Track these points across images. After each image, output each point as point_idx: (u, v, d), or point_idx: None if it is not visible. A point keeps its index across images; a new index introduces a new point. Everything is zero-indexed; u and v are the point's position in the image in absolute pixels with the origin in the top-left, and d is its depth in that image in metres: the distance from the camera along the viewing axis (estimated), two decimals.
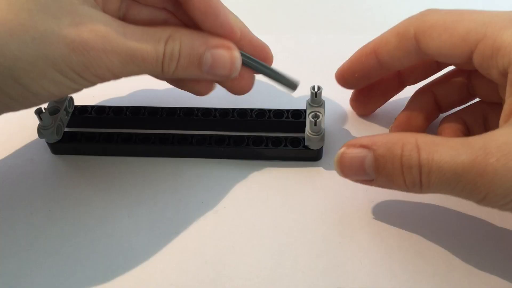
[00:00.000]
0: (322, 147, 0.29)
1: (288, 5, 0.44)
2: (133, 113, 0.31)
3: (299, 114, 0.31)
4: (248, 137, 0.30)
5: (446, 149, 0.21)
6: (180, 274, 0.25)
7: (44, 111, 0.28)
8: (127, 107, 0.32)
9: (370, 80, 0.30)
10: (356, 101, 0.32)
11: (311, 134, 0.28)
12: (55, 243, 0.26)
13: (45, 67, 0.21)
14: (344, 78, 0.30)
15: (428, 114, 0.29)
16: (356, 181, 0.25)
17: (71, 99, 0.31)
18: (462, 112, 0.29)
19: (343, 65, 0.30)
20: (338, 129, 0.32)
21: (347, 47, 0.30)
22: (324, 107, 0.30)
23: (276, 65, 0.39)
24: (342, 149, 0.24)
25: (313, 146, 0.29)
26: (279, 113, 0.31)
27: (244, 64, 0.27)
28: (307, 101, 0.30)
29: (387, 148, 0.23)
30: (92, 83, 0.24)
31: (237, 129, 0.31)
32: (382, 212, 0.27)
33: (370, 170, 0.24)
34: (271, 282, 0.24)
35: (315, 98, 0.29)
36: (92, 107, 0.32)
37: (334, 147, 0.30)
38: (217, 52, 0.26)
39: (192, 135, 0.30)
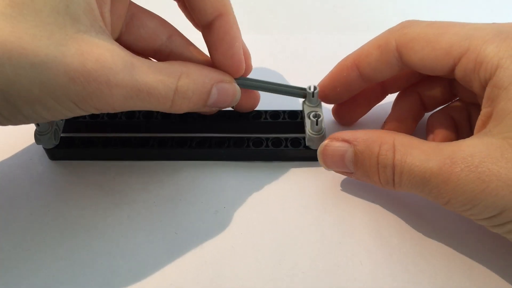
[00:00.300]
0: None
1: (288, 5, 0.44)
2: (127, 117, 0.31)
3: (295, 115, 0.31)
4: (248, 138, 0.30)
5: (418, 153, 0.23)
6: (180, 274, 0.25)
7: None
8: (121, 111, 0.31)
9: (351, 93, 0.30)
10: (338, 113, 0.32)
11: (313, 134, 0.28)
12: (55, 244, 0.26)
13: (41, 93, 0.20)
14: (325, 93, 0.30)
15: (415, 115, 0.30)
16: (337, 172, 0.27)
17: None
18: (449, 108, 0.29)
19: (323, 80, 0.30)
20: (336, 128, 0.32)
21: (347, 46, 0.30)
22: (321, 107, 0.29)
23: (276, 65, 0.39)
24: (326, 141, 0.26)
25: (315, 146, 0.29)
26: (275, 114, 0.31)
27: (251, 88, 0.29)
28: (304, 102, 0.30)
29: (366, 145, 0.25)
30: (87, 113, 0.23)
31: (234, 131, 0.31)
32: (383, 212, 0.27)
33: (349, 163, 0.25)
34: (271, 282, 0.24)
35: (312, 98, 0.29)
36: None
37: None
38: (221, 86, 0.26)
39: (192, 138, 0.30)
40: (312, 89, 0.29)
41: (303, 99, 0.30)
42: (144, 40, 0.27)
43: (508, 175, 0.20)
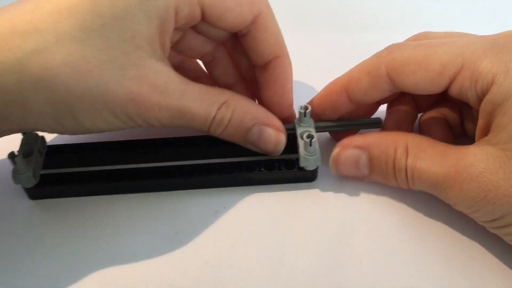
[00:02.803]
0: (317, 167, 0.28)
1: (288, 5, 0.44)
2: (109, 149, 0.29)
3: (287, 136, 0.29)
4: (240, 163, 0.29)
5: (427, 157, 0.24)
6: (180, 274, 0.25)
7: (17, 154, 0.26)
8: (104, 143, 0.29)
9: (340, 114, 0.29)
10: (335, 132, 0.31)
11: (307, 155, 0.27)
12: (56, 239, 0.26)
13: (102, 110, 0.23)
14: (314, 113, 0.29)
15: (411, 117, 0.30)
16: (352, 178, 0.27)
17: (43, 138, 0.29)
18: (441, 108, 0.30)
19: (311, 102, 0.30)
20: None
21: (346, 46, 0.30)
22: (313, 127, 0.29)
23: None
24: (337, 150, 0.27)
25: (310, 167, 0.28)
26: None
27: (323, 131, 0.29)
28: (295, 122, 0.29)
29: (381, 150, 0.25)
30: (139, 126, 0.25)
31: (225, 155, 0.30)
32: (383, 213, 0.27)
33: (364, 168, 0.26)
34: (271, 282, 0.24)
35: (304, 118, 0.28)
36: (66, 145, 0.29)
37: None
38: (264, 129, 0.27)
39: (182, 166, 0.29)
40: (303, 109, 0.28)
41: (295, 120, 0.29)
42: (192, 50, 0.29)
43: (506, 186, 0.21)
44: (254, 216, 0.27)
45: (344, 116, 0.30)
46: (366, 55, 0.27)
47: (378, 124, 0.30)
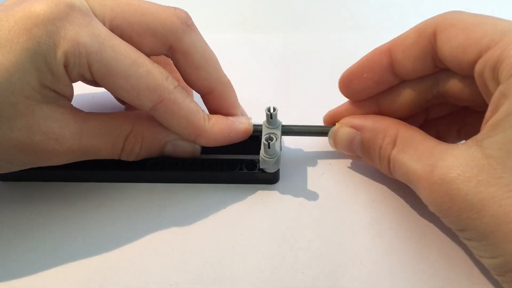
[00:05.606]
0: (278, 170, 0.28)
1: (289, 4, 0.44)
2: None
3: (256, 136, 0.29)
4: (204, 160, 0.29)
5: (413, 152, 0.24)
6: (180, 274, 0.25)
7: None
8: None
9: (375, 86, 0.27)
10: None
11: (266, 157, 0.27)
12: (53, 242, 0.26)
13: None
14: (351, 79, 0.28)
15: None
16: (348, 156, 0.29)
17: None
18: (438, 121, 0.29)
19: (352, 66, 0.28)
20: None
21: (346, 46, 0.30)
22: (280, 129, 0.28)
23: (276, 65, 0.39)
24: (336, 126, 0.27)
25: (269, 169, 0.28)
26: None
27: (289, 135, 0.29)
28: (263, 123, 0.28)
29: (372, 135, 0.26)
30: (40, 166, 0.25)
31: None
32: (383, 213, 0.27)
33: (357, 149, 0.27)
34: (271, 282, 0.24)
35: (271, 120, 0.28)
36: None
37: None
38: (177, 142, 0.28)
39: (147, 159, 0.28)
40: (271, 110, 0.28)
41: (264, 121, 0.29)
42: None
43: (473, 199, 0.20)
44: (255, 217, 0.27)
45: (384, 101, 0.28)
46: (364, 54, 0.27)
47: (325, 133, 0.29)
